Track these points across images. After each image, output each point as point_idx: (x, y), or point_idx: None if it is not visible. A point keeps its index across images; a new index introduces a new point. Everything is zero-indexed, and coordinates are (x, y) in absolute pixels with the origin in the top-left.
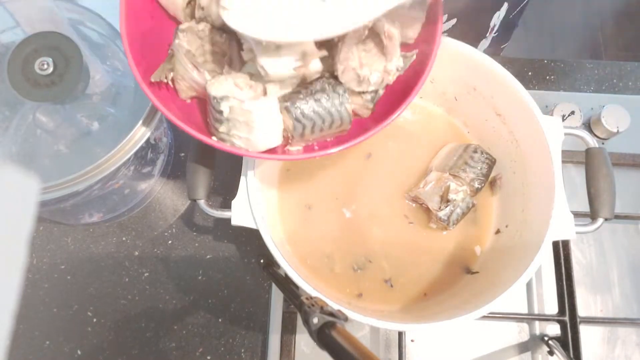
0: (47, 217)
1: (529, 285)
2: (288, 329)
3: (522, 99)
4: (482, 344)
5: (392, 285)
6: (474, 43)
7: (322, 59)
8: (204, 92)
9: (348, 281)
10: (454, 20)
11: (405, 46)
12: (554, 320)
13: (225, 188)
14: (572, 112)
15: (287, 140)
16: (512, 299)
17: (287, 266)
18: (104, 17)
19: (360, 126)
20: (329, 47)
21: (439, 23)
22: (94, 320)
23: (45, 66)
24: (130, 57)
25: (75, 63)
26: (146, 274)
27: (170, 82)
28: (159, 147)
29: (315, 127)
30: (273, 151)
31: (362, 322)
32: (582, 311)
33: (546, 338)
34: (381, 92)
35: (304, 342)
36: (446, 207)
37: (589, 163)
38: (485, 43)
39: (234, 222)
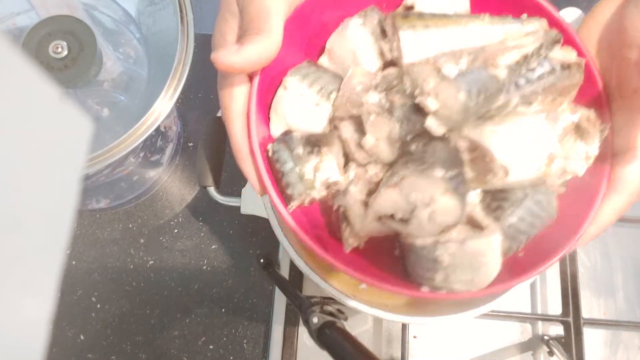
0: None
1: (532, 286)
2: (291, 321)
3: None
4: (484, 342)
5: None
6: None
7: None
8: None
9: None
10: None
11: None
12: (557, 321)
13: (234, 177)
14: None
15: None
16: (516, 299)
17: (295, 254)
18: (118, 2)
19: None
20: None
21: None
22: (98, 306)
23: (60, 49)
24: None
25: (89, 47)
26: (151, 262)
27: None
28: (168, 135)
29: (527, 240)
30: None
31: (367, 313)
32: (585, 314)
33: (546, 338)
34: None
35: (306, 334)
36: None
37: None
38: None
39: (243, 211)
